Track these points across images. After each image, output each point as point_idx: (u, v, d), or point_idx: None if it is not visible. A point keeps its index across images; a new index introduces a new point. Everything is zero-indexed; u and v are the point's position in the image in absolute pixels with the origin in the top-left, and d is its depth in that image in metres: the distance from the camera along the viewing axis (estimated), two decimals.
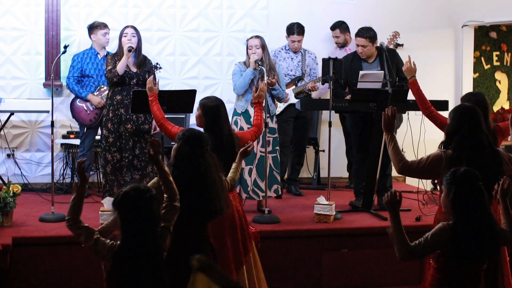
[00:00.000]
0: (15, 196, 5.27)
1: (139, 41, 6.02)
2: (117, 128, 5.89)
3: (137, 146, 5.93)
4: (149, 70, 6.03)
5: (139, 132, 5.89)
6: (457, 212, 3.24)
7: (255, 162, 5.89)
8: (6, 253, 4.75)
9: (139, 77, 5.95)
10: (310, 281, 5.40)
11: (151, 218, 3.01)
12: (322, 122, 7.85)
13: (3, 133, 7.08)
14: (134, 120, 5.89)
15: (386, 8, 8.08)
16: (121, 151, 5.85)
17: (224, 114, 4.41)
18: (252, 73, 5.87)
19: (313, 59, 7.17)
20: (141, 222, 2.97)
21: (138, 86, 5.89)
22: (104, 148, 5.94)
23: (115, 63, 5.89)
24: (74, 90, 6.79)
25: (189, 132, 3.70)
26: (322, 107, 6.68)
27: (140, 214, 2.97)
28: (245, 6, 7.82)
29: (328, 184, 5.89)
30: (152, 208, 3.01)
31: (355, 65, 6.25)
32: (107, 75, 5.95)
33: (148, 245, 2.98)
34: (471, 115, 3.96)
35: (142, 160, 5.90)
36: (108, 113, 5.93)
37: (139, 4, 7.61)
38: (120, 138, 5.90)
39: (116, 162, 5.87)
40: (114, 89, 5.95)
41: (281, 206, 6.26)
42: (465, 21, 8.34)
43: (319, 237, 5.41)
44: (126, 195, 3.00)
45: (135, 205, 2.97)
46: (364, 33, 6.18)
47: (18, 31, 7.35)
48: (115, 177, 5.87)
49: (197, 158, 3.58)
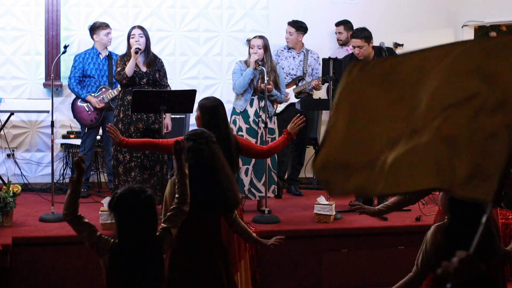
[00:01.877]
0: (15, 196, 5.27)
1: (147, 40, 5.98)
2: (127, 128, 5.86)
3: None
4: (159, 69, 6.00)
5: (149, 131, 5.87)
6: (454, 212, 3.23)
7: (252, 162, 5.89)
8: (6, 253, 4.76)
9: (149, 77, 5.92)
10: (310, 281, 5.40)
11: (147, 219, 3.01)
12: (322, 122, 7.85)
13: (3, 133, 7.08)
14: (145, 120, 5.87)
15: (386, 8, 8.08)
16: (131, 151, 5.83)
17: (223, 115, 4.40)
18: (252, 73, 5.87)
19: (315, 59, 7.17)
20: (136, 223, 2.99)
21: (148, 86, 5.87)
22: (115, 149, 5.91)
23: (124, 64, 5.87)
24: (74, 90, 6.79)
25: (192, 131, 3.75)
26: (322, 107, 6.69)
27: (135, 215, 2.99)
28: (245, 6, 7.82)
29: None
30: (147, 209, 3.01)
31: None
32: (116, 77, 5.94)
33: (144, 245, 2.99)
34: None
35: (152, 159, 5.88)
36: (119, 113, 5.90)
37: (139, 4, 7.61)
38: (130, 138, 5.87)
39: (127, 163, 5.85)
40: (125, 89, 5.92)
41: (281, 206, 6.26)
42: (465, 21, 8.34)
43: (319, 237, 5.41)
44: (121, 197, 3.01)
45: (130, 207, 2.99)
46: (359, 33, 6.17)
47: (18, 31, 7.35)
48: (126, 178, 5.85)
49: (202, 149, 3.57)
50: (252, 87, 5.93)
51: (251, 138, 5.88)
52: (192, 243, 3.53)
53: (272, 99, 6.04)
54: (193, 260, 3.52)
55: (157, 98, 5.40)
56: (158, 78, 5.93)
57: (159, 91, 5.55)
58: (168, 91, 5.77)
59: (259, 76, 5.89)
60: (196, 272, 3.52)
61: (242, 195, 5.93)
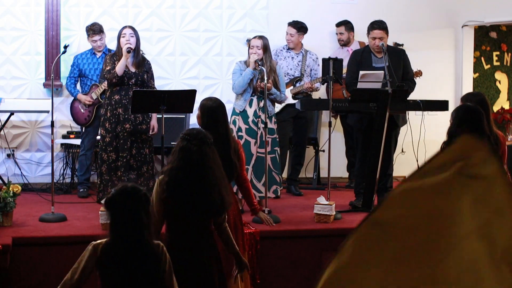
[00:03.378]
0: (15, 196, 5.27)
1: (138, 41, 6.00)
2: (114, 127, 5.88)
3: (134, 146, 5.92)
4: (147, 70, 6.03)
5: (136, 132, 5.89)
6: None
7: (252, 163, 5.89)
8: (6, 253, 4.75)
9: (138, 77, 5.94)
10: (310, 281, 5.39)
11: (139, 218, 3.04)
12: (322, 122, 7.85)
13: (3, 133, 7.08)
14: (132, 120, 5.89)
15: (386, 8, 8.07)
16: (117, 151, 5.84)
17: (222, 116, 4.39)
18: (251, 73, 5.87)
19: (314, 60, 7.17)
20: (128, 222, 3.03)
21: (136, 86, 5.89)
22: (101, 148, 5.93)
23: (114, 63, 5.88)
24: (68, 90, 6.87)
25: (188, 130, 3.72)
26: (322, 107, 6.68)
27: (127, 214, 3.03)
28: (245, 6, 7.82)
29: (328, 184, 5.89)
30: (140, 208, 3.05)
31: (365, 58, 6.25)
32: (106, 76, 5.93)
33: (135, 244, 3.03)
34: (473, 114, 3.94)
35: (138, 160, 5.89)
36: (106, 112, 5.93)
37: (139, 4, 7.61)
38: (117, 138, 5.89)
39: (112, 162, 5.86)
40: (112, 89, 5.94)
41: (281, 206, 6.25)
42: (465, 21, 8.34)
43: (319, 237, 5.41)
44: (115, 195, 3.06)
45: (124, 205, 3.03)
46: (381, 25, 6.17)
47: (18, 31, 7.35)
48: (109, 177, 5.86)
49: (192, 150, 3.53)
50: (251, 87, 5.93)
51: (250, 139, 5.88)
52: (181, 244, 3.51)
53: (272, 98, 6.03)
54: (182, 262, 3.48)
55: (157, 98, 5.40)
56: (146, 80, 5.95)
57: (159, 91, 5.57)
58: (168, 91, 5.77)
59: (258, 76, 5.89)
60: (186, 274, 3.49)
61: (242, 196, 5.93)
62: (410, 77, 6.32)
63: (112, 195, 3.08)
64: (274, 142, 6.03)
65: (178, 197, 3.42)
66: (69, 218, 5.49)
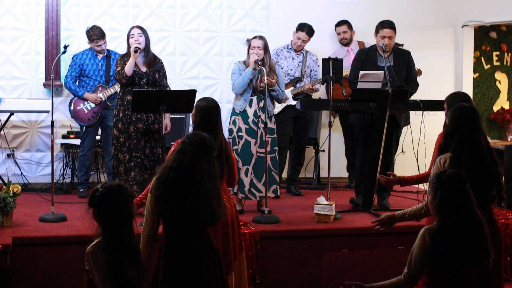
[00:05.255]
0: (15, 196, 5.27)
1: (147, 40, 5.96)
2: (127, 128, 5.85)
3: (147, 145, 5.89)
4: (159, 69, 5.98)
5: (149, 131, 5.86)
6: (443, 216, 3.19)
7: (252, 162, 5.89)
8: (6, 253, 4.76)
9: (149, 77, 5.90)
10: (310, 281, 5.40)
11: (126, 215, 3.11)
12: (321, 122, 7.85)
13: (3, 133, 7.09)
14: (144, 120, 5.85)
15: (386, 8, 8.08)
16: (131, 151, 5.82)
17: (215, 118, 4.35)
18: (251, 73, 5.86)
19: (314, 60, 7.17)
20: (115, 219, 3.10)
21: (148, 86, 5.85)
22: (116, 148, 5.89)
23: (124, 64, 5.86)
24: (71, 89, 6.81)
25: (193, 133, 3.66)
26: (322, 107, 6.68)
27: (114, 212, 3.10)
28: (245, 6, 7.83)
29: (328, 184, 5.89)
30: (126, 206, 3.12)
31: (371, 57, 6.25)
32: (116, 76, 5.91)
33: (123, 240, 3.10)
34: (469, 115, 3.91)
35: (152, 159, 5.86)
36: (119, 113, 5.89)
37: (139, 4, 7.61)
38: (129, 138, 5.87)
39: (127, 162, 5.84)
40: (124, 89, 5.91)
41: (281, 206, 6.26)
42: (465, 21, 8.34)
43: (319, 237, 5.41)
44: (100, 194, 3.13)
45: (109, 204, 3.11)
46: (391, 24, 6.19)
47: (18, 31, 7.35)
48: (126, 177, 5.84)
49: (186, 155, 3.49)
50: (251, 87, 5.92)
51: (250, 139, 5.87)
52: (177, 245, 3.49)
53: (274, 95, 6.01)
54: (180, 262, 3.47)
55: (157, 98, 5.39)
56: (157, 79, 5.91)
57: (159, 91, 5.55)
58: (168, 91, 5.75)
59: (258, 76, 5.89)
60: (184, 275, 3.48)
61: (242, 196, 5.94)
62: (413, 78, 6.34)
63: (98, 194, 3.14)
64: (273, 142, 6.02)
65: (169, 197, 3.43)
66: (69, 218, 5.49)
